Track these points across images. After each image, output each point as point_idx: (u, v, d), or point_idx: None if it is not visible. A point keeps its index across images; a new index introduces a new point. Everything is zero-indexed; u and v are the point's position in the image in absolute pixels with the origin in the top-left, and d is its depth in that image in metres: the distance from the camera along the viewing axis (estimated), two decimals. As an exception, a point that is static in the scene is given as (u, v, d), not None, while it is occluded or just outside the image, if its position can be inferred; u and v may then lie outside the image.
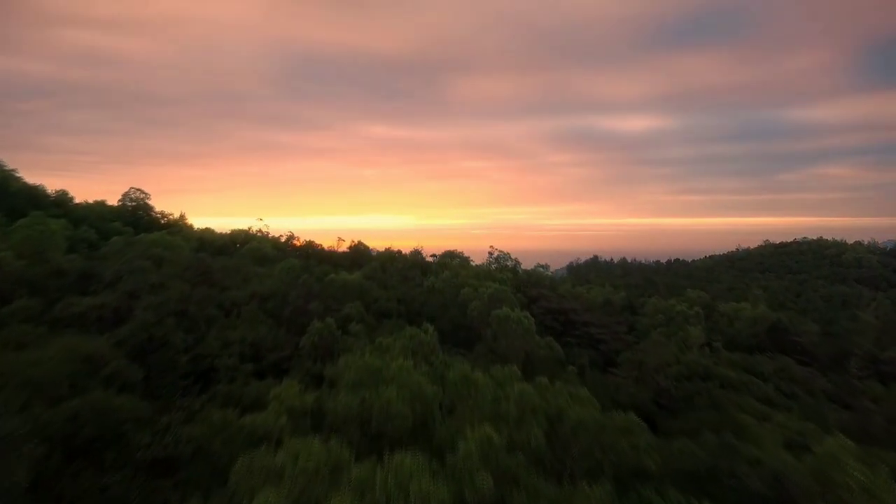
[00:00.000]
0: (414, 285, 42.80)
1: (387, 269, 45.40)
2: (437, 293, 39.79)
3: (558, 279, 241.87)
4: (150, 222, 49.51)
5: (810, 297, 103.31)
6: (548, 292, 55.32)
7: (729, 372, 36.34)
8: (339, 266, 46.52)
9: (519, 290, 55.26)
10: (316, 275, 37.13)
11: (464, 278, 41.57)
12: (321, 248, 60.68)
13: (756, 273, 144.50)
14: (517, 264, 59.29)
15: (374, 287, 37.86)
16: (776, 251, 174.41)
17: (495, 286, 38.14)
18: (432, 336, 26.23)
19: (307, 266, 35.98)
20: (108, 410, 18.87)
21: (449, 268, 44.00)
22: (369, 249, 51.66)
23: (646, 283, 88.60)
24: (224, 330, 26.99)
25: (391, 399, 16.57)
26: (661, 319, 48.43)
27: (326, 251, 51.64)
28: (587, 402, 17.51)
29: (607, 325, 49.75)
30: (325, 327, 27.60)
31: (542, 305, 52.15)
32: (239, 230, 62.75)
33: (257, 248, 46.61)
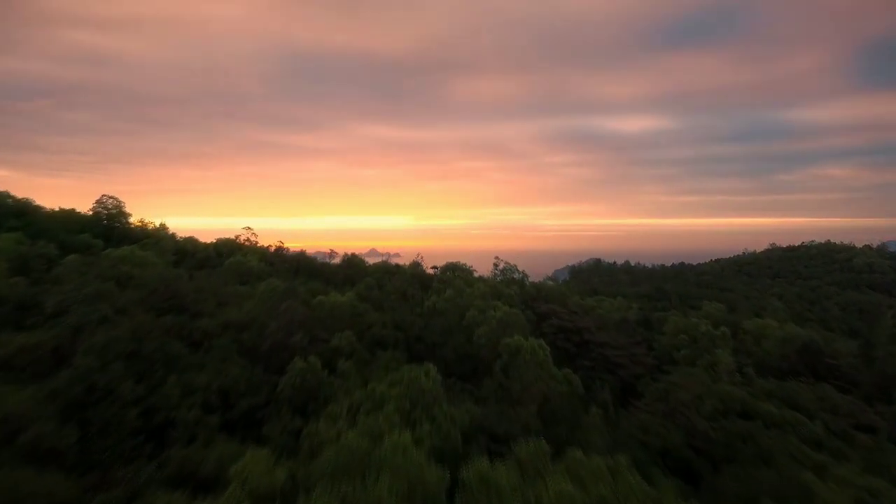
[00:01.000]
0: (413, 305, 38.54)
1: (383, 286, 41.14)
2: (440, 316, 35.52)
3: (561, 283, 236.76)
4: (125, 233, 45.19)
5: (826, 306, 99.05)
6: (558, 308, 51.09)
7: (770, 407, 32.19)
8: (330, 282, 42.25)
9: (527, 306, 51.09)
10: (302, 296, 32.83)
11: (469, 297, 37.31)
12: (313, 259, 56.35)
13: (766, 279, 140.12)
14: (524, 277, 55.01)
15: (368, 310, 33.57)
16: (784, 255, 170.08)
17: (504, 308, 33.87)
18: (434, 380, 21.97)
19: (292, 288, 31.64)
20: (16, 499, 14.65)
21: (452, 284, 39.75)
22: (364, 262, 47.34)
23: (657, 293, 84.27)
24: (187, 372, 22.66)
25: (381, 498, 12.34)
26: (684, 340, 44.19)
27: (318, 264, 47.29)
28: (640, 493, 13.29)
29: (625, 346, 45.45)
30: (308, 367, 23.32)
31: (553, 324, 47.89)
32: (225, 240, 58.48)
33: (241, 263, 42.30)
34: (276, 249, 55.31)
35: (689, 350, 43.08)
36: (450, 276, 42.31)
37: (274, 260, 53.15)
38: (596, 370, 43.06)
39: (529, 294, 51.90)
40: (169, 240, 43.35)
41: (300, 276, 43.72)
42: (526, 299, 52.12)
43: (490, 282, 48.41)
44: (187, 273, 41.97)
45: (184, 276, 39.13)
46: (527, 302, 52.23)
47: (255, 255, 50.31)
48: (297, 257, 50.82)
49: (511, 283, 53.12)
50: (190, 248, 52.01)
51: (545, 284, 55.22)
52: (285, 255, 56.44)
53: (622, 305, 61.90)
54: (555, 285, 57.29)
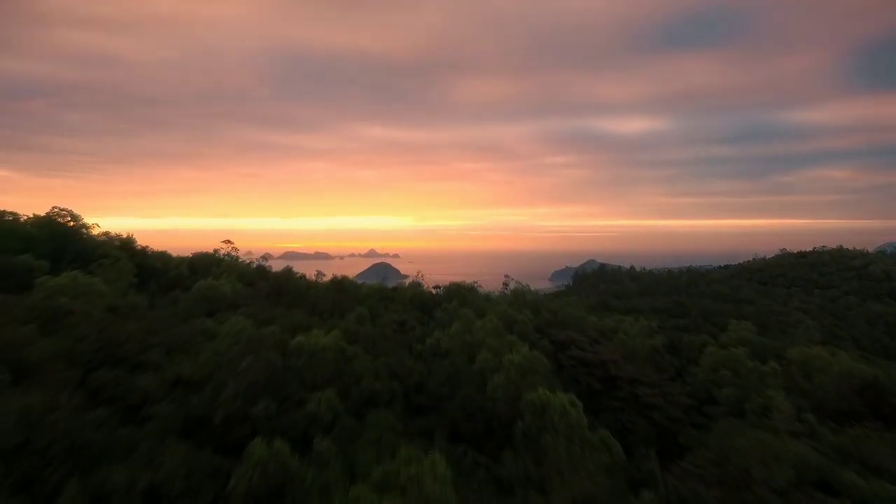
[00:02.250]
0: (413, 340, 32.44)
1: (378, 317, 35.06)
2: (444, 358, 29.43)
3: (565, 287, 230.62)
4: (80, 252, 39.05)
5: (853, 320, 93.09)
6: (578, 336, 45.05)
7: (851, 476, 26.24)
8: (316, 310, 36.08)
9: (543, 334, 45.10)
10: (277, 337, 26.70)
11: (479, 333, 31.27)
12: (298, 279, 50.16)
13: (781, 288, 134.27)
14: (537, 297, 48.97)
15: (357, 354, 27.46)
16: (796, 261, 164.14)
17: (523, 350, 27.79)
18: (443, 481, 15.93)
19: (258, 336, 25.41)
20: None
21: (458, 315, 33.75)
22: (356, 284, 41.21)
23: (675, 307, 78.33)
24: (103, 464, 16.55)
25: None
26: (726, 377, 38.20)
27: (304, 286, 41.11)
28: None
29: (658, 382, 39.43)
30: (270, 456, 17.27)
31: (574, 356, 41.80)
32: (201, 254, 52.36)
33: (212, 288, 36.23)
34: (258, 267, 49.23)
35: (733, 389, 37.13)
36: (455, 305, 36.20)
37: (254, 279, 47.04)
38: (626, 412, 37.00)
39: (545, 320, 45.87)
40: (126, 261, 37.15)
41: (282, 301, 37.64)
42: (541, 325, 46.13)
43: (500, 306, 42.32)
44: (148, 300, 35.92)
45: (142, 304, 33.08)
46: (541, 328, 46.23)
47: (233, 275, 44.20)
48: (281, 278, 44.70)
49: (523, 305, 47.12)
50: (160, 265, 45.91)
51: (563, 309, 49.07)
52: (268, 273, 50.34)
53: (644, 328, 55.76)
54: (570, 304, 51.15)
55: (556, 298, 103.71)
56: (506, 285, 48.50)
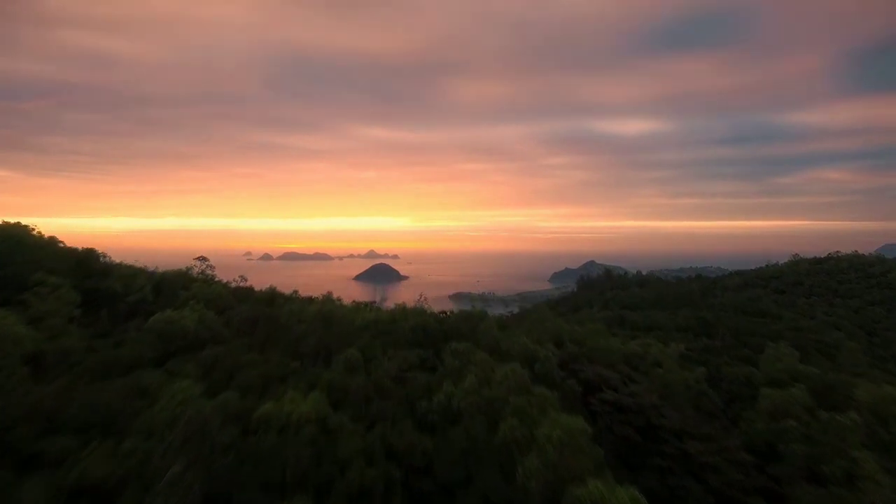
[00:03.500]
0: (417, 393, 25.81)
1: (373, 359, 28.43)
2: (457, 426, 22.81)
3: (568, 293, 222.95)
4: (9, 279, 32.37)
5: (890, 338, 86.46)
6: (608, 372, 38.42)
7: None
8: (299, 353, 29.41)
9: (568, 371, 38.51)
10: (235, 408, 20.11)
11: (499, 387, 24.67)
12: (285, 301, 43.52)
13: (800, 297, 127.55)
14: (560, 325, 42.34)
15: (344, 424, 20.86)
16: (812, 268, 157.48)
17: (563, 419, 21.19)
18: None
19: (206, 413, 18.77)
20: None
21: (472, 360, 27.15)
22: (349, 315, 34.46)
23: (700, 325, 71.69)
24: None
25: None
26: (794, 429, 31.61)
27: (286, 320, 34.19)
28: None
29: (711, 435, 32.87)
30: None
31: (606, 399, 35.15)
32: (173, 273, 45.74)
33: (171, 322, 29.63)
34: (236, 289, 42.58)
35: (803, 445, 30.67)
36: (468, 347, 29.52)
37: (230, 303, 40.35)
38: (674, 473, 30.40)
39: (569, 352, 39.30)
40: (68, 289, 30.37)
41: (257, 338, 31.03)
42: (564, 359, 39.56)
43: (517, 338, 35.73)
44: (89, 339, 29.32)
45: (76, 348, 26.47)
46: (566, 362, 39.65)
47: (203, 301, 37.56)
48: (260, 304, 38.02)
49: (543, 333, 40.50)
50: (119, 287, 39.28)
51: (586, 336, 42.41)
52: (249, 295, 43.67)
53: (675, 354, 49.03)
54: (596, 333, 44.49)
55: (575, 314, 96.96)
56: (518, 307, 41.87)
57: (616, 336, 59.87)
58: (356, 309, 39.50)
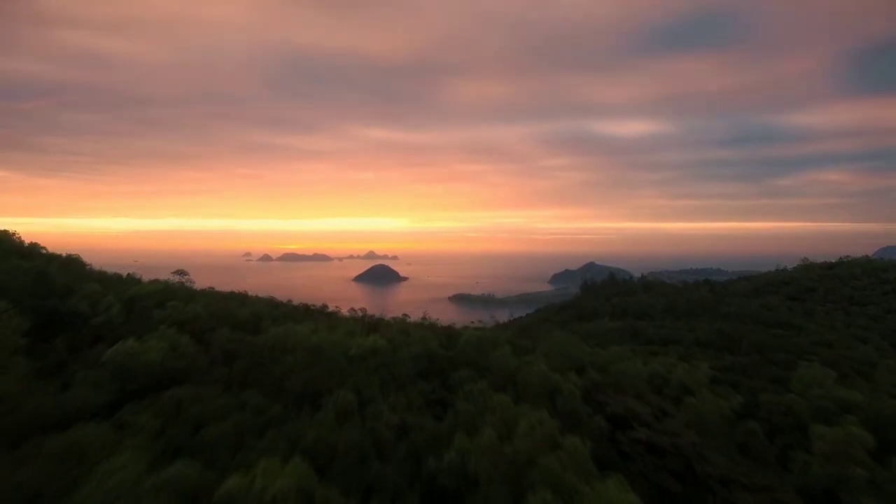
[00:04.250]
0: (422, 448, 21.34)
1: (370, 402, 23.99)
2: (474, 493, 18.41)
3: (570, 298, 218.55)
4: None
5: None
6: (636, 405, 33.92)
7: None
8: (280, 394, 24.93)
9: (592, 404, 33.97)
10: (193, 483, 15.66)
11: (524, 441, 20.23)
12: (281, 305, 39.03)
13: (816, 304, 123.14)
14: (580, 350, 37.87)
15: (331, 499, 16.43)
16: (823, 273, 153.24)
17: (609, 495, 16.81)
18: None
19: (170, 475, 14.45)
20: None
21: (489, 405, 22.71)
22: (339, 348, 29.76)
23: (720, 339, 67.29)
24: None
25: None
26: (859, 478, 27.18)
27: (270, 349, 29.63)
28: None
29: (766, 485, 28.46)
30: None
31: (638, 439, 30.67)
32: (151, 287, 41.31)
33: (133, 356, 25.16)
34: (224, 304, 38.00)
35: (873, 499, 26.35)
36: (483, 387, 25.04)
37: (214, 324, 35.87)
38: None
39: (592, 380, 34.84)
40: (11, 316, 25.84)
41: (235, 373, 26.63)
42: (587, 389, 35.03)
43: (537, 367, 31.27)
44: (35, 374, 24.83)
45: (8, 394, 22.00)
46: (588, 393, 35.10)
47: (179, 321, 33.12)
48: (239, 330, 33.49)
49: (562, 359, 36.05)
50: (84, 308, 34.83)
51: (609, 361, 37.95)
52: (233, 315, 39.14)
53: (705, 378, 44.49)
54: (621, 358, 40.02)
55: (585, 325, 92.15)
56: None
57: (633, 352, 55.60)
58: (351, 333, 35.06)
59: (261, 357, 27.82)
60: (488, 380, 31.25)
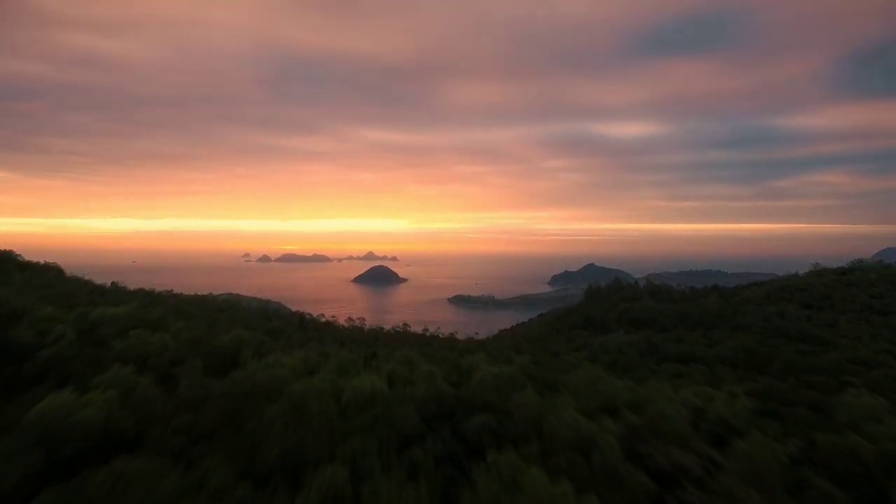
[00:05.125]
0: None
1: (367, 477, 18.83)
2: None
3: (575, 296, 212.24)
4: None
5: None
6: (684, 455, 28.88)
7: None
8: (253, 464, 19.73)
9: (632, 457, 28.99)
10: None
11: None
12: (275, 320, 33.85)
13: (837, 314, 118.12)
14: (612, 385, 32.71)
15: None
16: (837, 279, 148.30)
17: None
18: None
19: None
20: None
21: (520, 482, 17.70)
22: (326, 407, 24.79)
23: (748, 357, 62.22)
24: None
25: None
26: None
27: (251, 385, 24.52)
28: None
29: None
30: None
31: (690, 502, 25.66)
32: (116, 309, 35.98)
33: (67, 414, 20.04)
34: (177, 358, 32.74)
35: None
36: (512, 462, 19.84)
37: (184, 354, 30.61)
38: None
39: (628, 424, 29.75)
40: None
41: (201, 435, 21.51)
42: (624, 436, 29.98)
43: (566, 413, 26.01)
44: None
45: None
46: (626, 441, 30.09)
47: (141, 355, 27.89)
48: (208, 392, 28.11)
49: (592, 396, 30.91)
50: (31, 338, 29.53)
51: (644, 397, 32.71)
52: (207, 353, 33.87)
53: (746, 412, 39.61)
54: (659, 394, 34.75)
55: (597, 336, 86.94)
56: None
57: (654, 372, 50.68)
58: (345, 367, 29.75)
59: (232, 409, 22.40)
60: (508, 428, 26.24)
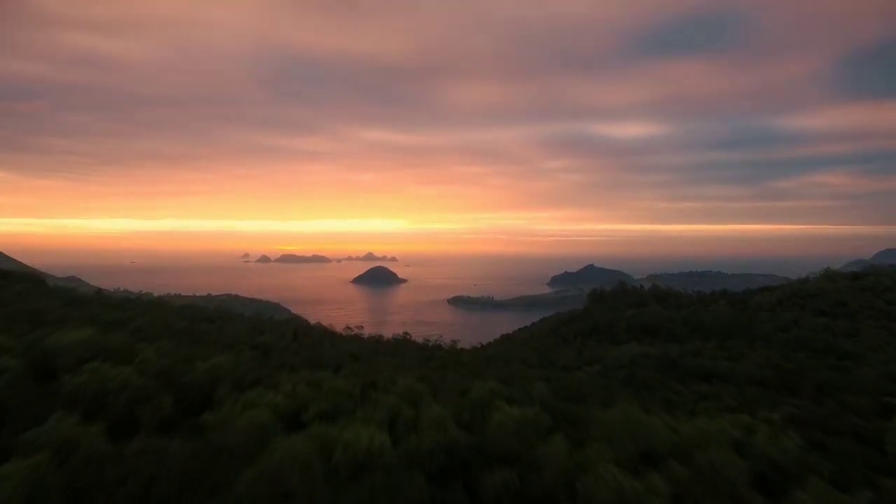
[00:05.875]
0: None
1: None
2: None
3: (575, 297, 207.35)
4: None
5: None
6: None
7: None
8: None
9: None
10: None
11: None
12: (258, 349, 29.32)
13: (854, 322, 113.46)
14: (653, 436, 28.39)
15: None
16: (851, 285, 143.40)
17: None
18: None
19: None
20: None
21: None
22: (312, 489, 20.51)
23: (774, 374, 57.79)
24: None
25: None
26: None
27: (218, 445, 20.22)
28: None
29: None
30: None
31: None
32: (74, 334, 31.32)
33: None
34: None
35: None
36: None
37: (150, 384, 26.04)
38: None
39: (677, 482, 25.58)
40: None
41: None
42: (673, 496, 25.75)
43: (610, 486, 21.53)
44: None
45: None
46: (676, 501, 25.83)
47: (89, 403, 23.29)
48: (160, 465, 23.63)
49: (634, 441, 26.74)
50: None
51: (693, 444, 28.26)
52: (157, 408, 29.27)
53: (794, 449, 35.28)
54: (711, 439, 30.30)
55: (611, 350, 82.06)
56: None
57: (678, 393, 46.26)
58: (338, 402, 25.09)
59: (195, 475, 17.64)
60: (534, 487, 21.83)
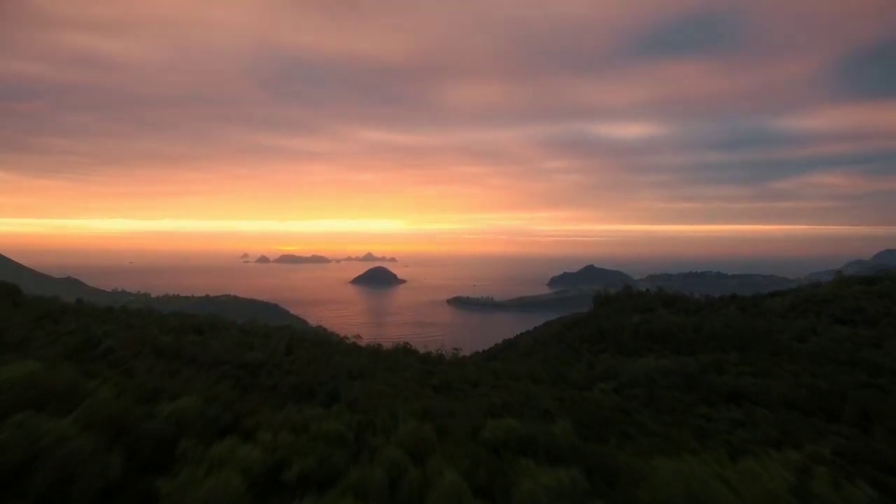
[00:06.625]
0: None
1: None
2: None
3: (575, 298, 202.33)
4: None
5: None
6: None
7: None
8: None
9: None
10: None
11: None
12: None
13: (875, 331, 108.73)
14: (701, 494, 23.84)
15: None
16: (866, 290, 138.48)
17: None
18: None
19: None
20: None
21: None
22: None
23: (809, 396, 53.21)
24: None
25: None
26: None
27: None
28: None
29: None
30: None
31: None
32: (19, 368, 26.30)
33: None
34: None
35: None
36: None
37: (94, 439, 21.28)
38: None
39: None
40: None
41: None
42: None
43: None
44: None
45: None
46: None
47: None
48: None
49: (672, 496, 22.37)
50: None
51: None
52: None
53: (856, 497, 30.90)
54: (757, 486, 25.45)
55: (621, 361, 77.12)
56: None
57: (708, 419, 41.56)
58: (328, 453, 19.94)
59: None
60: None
